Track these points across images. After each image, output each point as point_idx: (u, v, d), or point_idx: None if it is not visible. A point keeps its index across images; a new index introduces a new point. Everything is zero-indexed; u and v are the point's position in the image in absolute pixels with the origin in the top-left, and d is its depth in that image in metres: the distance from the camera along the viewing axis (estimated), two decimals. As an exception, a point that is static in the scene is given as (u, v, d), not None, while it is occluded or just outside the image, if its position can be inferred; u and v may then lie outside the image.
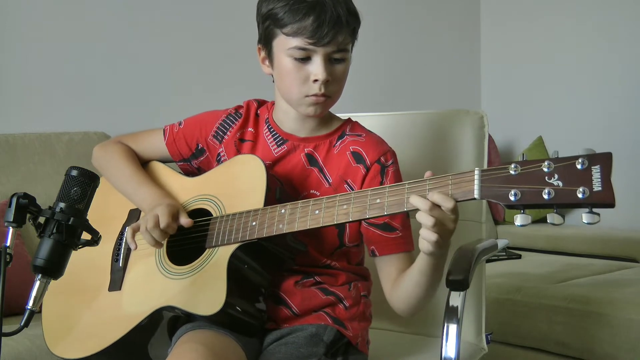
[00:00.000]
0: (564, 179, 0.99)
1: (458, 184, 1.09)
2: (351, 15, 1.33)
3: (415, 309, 1.38)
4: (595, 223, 0.98)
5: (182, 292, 1.33)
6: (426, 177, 1.13)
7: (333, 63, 1.34)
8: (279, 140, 1.44)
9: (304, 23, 1.29)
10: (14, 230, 1.09)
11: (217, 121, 1.49)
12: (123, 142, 1.57)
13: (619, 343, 2.32)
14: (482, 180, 1.06)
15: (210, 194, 1.41)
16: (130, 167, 1.51)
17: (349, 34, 1.33)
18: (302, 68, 1.33)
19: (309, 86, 1.34)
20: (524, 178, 1.02)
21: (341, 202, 1.20)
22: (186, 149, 1.52)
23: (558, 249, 3.46)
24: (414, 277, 1.30)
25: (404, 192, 1.15)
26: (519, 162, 1.03)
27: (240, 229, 1.30)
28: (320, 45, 1.30)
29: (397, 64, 3.97)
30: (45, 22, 2.73)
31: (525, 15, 4.15)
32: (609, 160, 0.98)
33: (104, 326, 1.41)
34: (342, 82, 1.37)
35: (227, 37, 3.13)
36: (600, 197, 0.97)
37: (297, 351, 1.32)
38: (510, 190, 1.02)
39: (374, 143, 1.42)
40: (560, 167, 1.00)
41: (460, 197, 1.08)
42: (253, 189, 1.33)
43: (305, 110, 1.37)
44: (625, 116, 3.71)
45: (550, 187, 1.00)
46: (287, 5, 1.30)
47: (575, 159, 1.00)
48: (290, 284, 1.39)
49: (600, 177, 0.97)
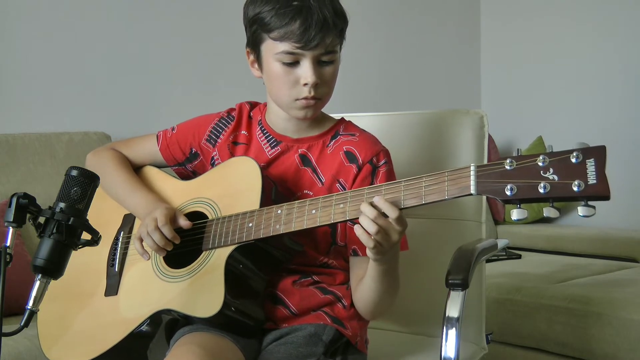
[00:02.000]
0: (559, 172, 1.00)
1: (454, 180, 1.09)
2: (338, 16, 1.32)
3: (374, 313, 1.40)
4: (591, 216, 0.99)
5: (180, 295, 1.33)
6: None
7: (322, 65, 1.33)
8: (272, 141, 1.44)
9: (291, 27, 1.28)
10: (14, 230, 1.09)
11: (209, 125, 1.49)
12: (116, 149, 1.57)
13: (619, 343, 2.32)
14: (478, 176, 1.06)
15: (205, 196, 1.41)
16: (123, 173, 1.51)
17: (336, 36, 1.33)
18: (291, 72, 1.33)
19: (298, 90, 1.34)
20: (520, 173, 1.03)
21: (338, 202, 1.21)
22: (180, 154, 1.52)
23: (558, 249, 3.46)
24: (367, 281, 1.33)
25: (400, 190, 1.15)
26: (514, 157, 1.04)
27: (237, 230, 1.30)
28: (308, 49, 1.30)
29: (397, 64, 3.97)
30: (45, 22, 2.72)
31: (525, 15, 4.14)
32: (603, 154, 1.00)
33: (100, 331, 1.41)
34: (332, 83, 1.37)
35: (227, 38, 3.12)
36: (596, 189, 0.98)
37: (296, 351, 1.32)
38: (506, 185, 1.03)
39: (367, 142, 1.42)
40: (555, 161, 1.01)
41: (457, 193, 1.09)
42: (248, 191, 1.33)
43: (296, 113, 1.37)
44: (625, 116, 3.71)
45: (546, 181, 1.00)
46: (273, 10, 1.30)
47: (570, 153, 1.01)
48: (288, 284, 1.39)
49: (594, 170, 0.99)
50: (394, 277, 1.33)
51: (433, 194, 1.11)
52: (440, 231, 1.76)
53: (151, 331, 1.39)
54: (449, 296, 1.40)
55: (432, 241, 1.75)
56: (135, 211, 1.47)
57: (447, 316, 1.38)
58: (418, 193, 1.13)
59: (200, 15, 3.17)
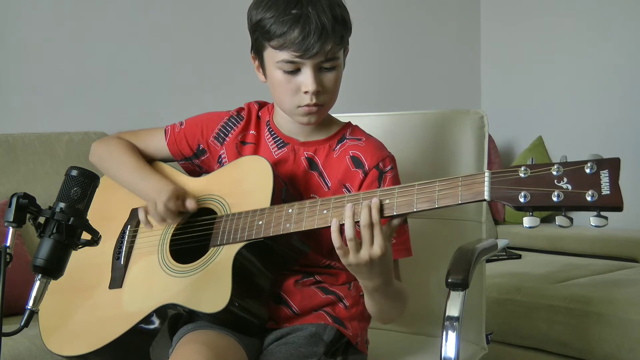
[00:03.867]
0: (573, 182, 1.01)
1: (468, 185, 1.10)
2: (337, 23, 1.31)
3: (385, 320, 1.40)
4: (603, 226, 1.00)
5: (185, 289, 1.32)
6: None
7: (323, 72, 1.33)
8: (279, 142, 1.44)
9: (290, 36, 1.28)
10: (14, 230, 1.09)
11: (219, 123, 1.49)
12: (124, 138, 1.57)
13: (619, 343, 2.32)
14: (492, 182, 1.07)
15: (215, 193, 1.41)
16: (133, 159, 1.51)
17: (336, 42, 1.32)
18: (292, 80, 1.33)
19: (300, 97, 1.33)
20: (534, 181, 1.04)
21: (349, 202, 1.20)
22: (187, 149, 1.52)
23: (558, 249, 3.46)
24: (364, 296, 1.33)
25: (413, 192, 1.15)
26: (528, 166, 1.05)
27: (247, 227, 1.30)
28: (308, 58, 1.29)
29: (397, 64, 3.97)
30: (45, 22, 2.73)
31: (525, 15, 4.14)
32: (617, 166, 1.01)
33: (103, 324, 1.40)
34: (334, 90, 1.36)
35: (227, 38, 3.13)
36: (609, 200, 0.99)
37: (297, 351, 1.32)
38: (520, 192, 1.04)
39: (373, 148, 1.42)
40: (569, 171, 1.02)
41: (471, 199, 1.09)
42: (259, 189, 1.33)
43: (300, 119, 1.38)
44: (625, 116, 3.71)
45: (560, 190, 1.01)
46: (273, 17, 1.30)
47: (584, 164, 1.02)
48: (290, 284, 1.39)
49: (608, 181, 1.00)
50: (387, 293, 1.30)
51: (446, 198, 1.12)
52: (440, 231, 1.76)
53: (154, 327, 1.38)
54: (449, 296, 1.40)
55: (432, 241, 1.75)
56: (145, 193, 1.45)
57: (447, 316, 1.38)
58: (431, 197, 1.13)
59: (200, 15, 3.17)
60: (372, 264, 1.19)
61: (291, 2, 1.29)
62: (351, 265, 1.21)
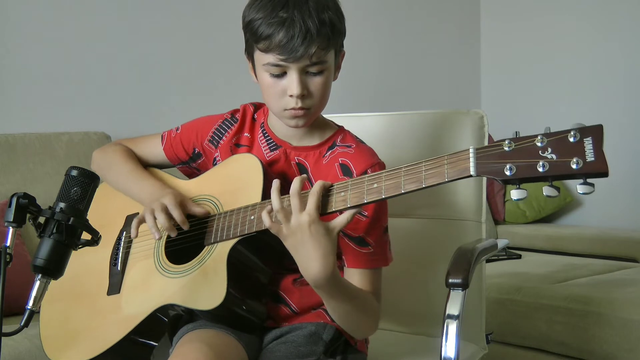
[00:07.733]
0: (558, 151, 1.02)
1: (454, 163, 1.10)
2: (324, 26, 1.29)
3: (351, 332, 1.37)
4: (589, 193, 1.00)
5: (182, 289, 1.33)
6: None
7: (310, 76, 1.32)
8: (272, 145, 1.44)
9: (275, 39, 1.27)
10: (14, 230, 1.09)
11: (213, 126, 1.50)
12: (123, 144, 1.59)
13: (619, 343, 2.32)
14: (477, 158, 1.07)
15: (207, 193, 1.42)
16: (130, 164, 1.52)
17: (322, 46, 1.30)
18: (278, 83, 1.32)
19: (286, 100, 1.33)
20: (518, 153, 1.04)
21: (339, 190, 1.20)
22: (183, 154, 1.52)
23: (558, 249, 3.47)
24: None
25: (400, 175, 1.15)
26: (512, 139, 1.06)
27: (239, 223, 1.30)
28: (292, 61, 1.28)
29: (397, 64, 3.97)
30: (45, 22, 2.73)
31: (525, 15, 4.15)
32: (600, 132, 1.01)
33: (103, 329, 1.41)
34: (322, 94, 1.35)
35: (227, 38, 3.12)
36: (594, 166, 0.99)
37: (297, 350, 1.33)
38: (506, 165, 1.04)
39: (362, 155, 1.40)
40: (553, 140, 1.02)
41: (457, 175, 1.09)
42: (250, 185, 1.33)
43: (287, 122, 1.37)
44: (625, 116, 3.71)
45: (545, 160, 1.02)
46: (261, 19, 1.29)
47: (567, 132, 1.02)
48: (288, 282, 1.39)
49: (592, 148, 1.00)
50: (336, 304, 1.28)
51: (433, 177, 1.12)
52: (440, 231, 1.76)
53: (153, 330, 1.39)
54: (449, 296, 1.40)
55: (432, 241, 1.75)
56: (140, 198, 1.46)
57: (447, 316, 1.38)
58: (418, 177, 1.13)
59: (200, 15, 3.17)
60: (304, 239, 1.18)
61: (279, 5, 1.28)
62: (287, 241, 1.20)
